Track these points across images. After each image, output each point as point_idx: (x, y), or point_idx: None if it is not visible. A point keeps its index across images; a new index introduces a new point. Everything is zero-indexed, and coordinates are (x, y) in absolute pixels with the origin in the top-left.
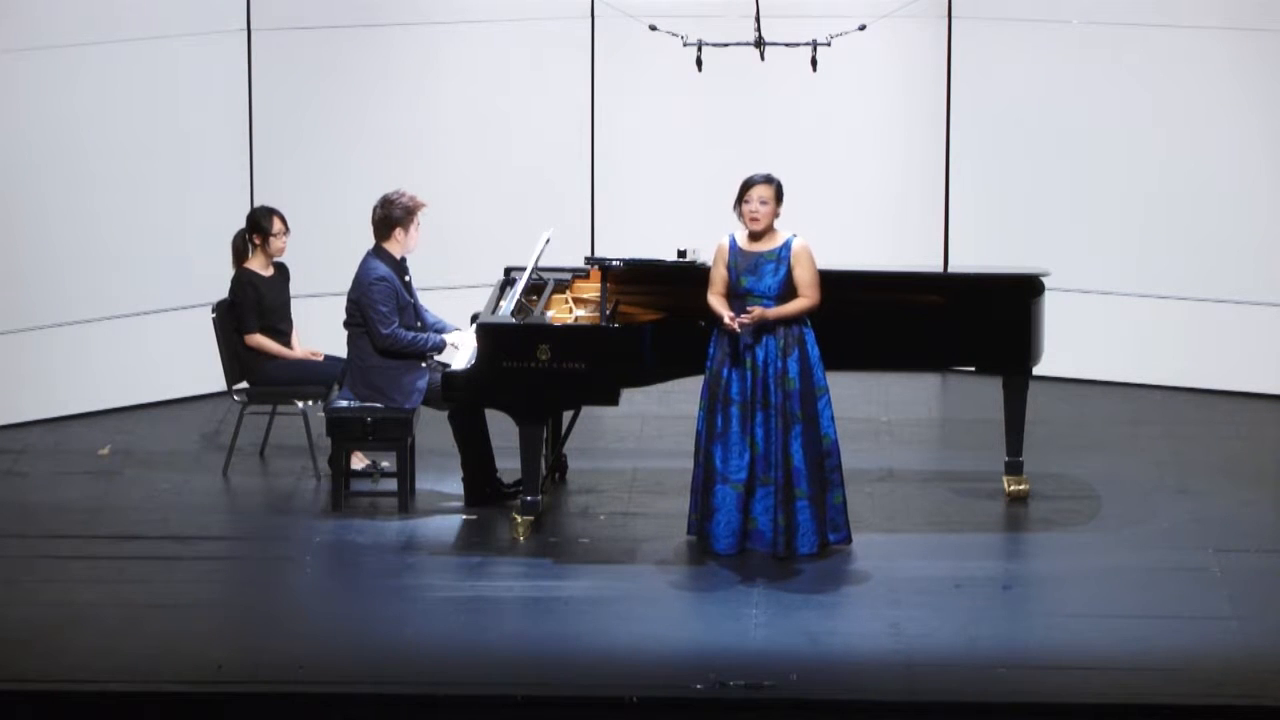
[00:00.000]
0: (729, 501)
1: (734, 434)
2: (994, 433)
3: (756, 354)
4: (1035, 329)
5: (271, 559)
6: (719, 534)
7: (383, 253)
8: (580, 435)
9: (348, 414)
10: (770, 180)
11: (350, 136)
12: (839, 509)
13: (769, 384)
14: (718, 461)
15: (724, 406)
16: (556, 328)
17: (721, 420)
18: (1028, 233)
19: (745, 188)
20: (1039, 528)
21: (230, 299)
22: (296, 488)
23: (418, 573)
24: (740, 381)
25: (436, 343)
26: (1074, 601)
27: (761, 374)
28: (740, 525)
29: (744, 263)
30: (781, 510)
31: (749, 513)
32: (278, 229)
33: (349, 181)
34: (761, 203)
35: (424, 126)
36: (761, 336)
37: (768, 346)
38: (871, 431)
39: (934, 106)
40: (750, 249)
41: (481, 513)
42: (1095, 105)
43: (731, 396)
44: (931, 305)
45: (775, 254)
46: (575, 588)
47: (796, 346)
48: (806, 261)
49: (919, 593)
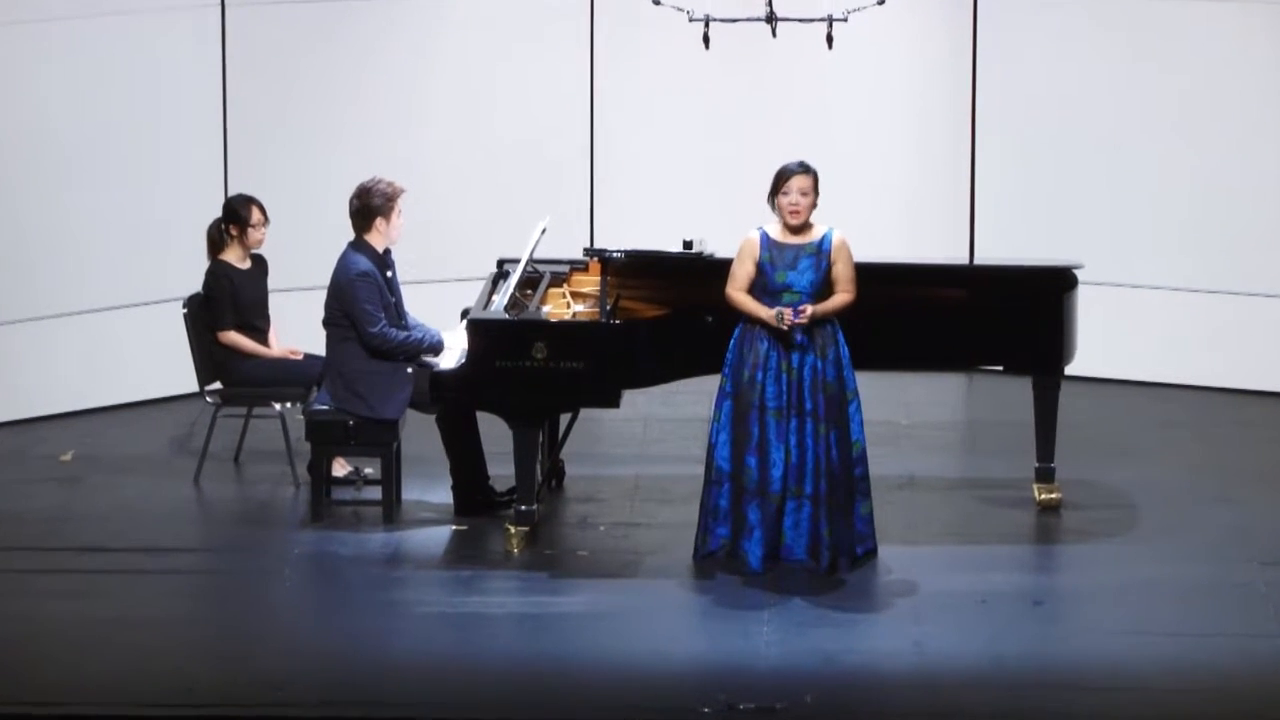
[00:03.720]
0: (767, 515)
1: (770, 443)
2: (1023, 437)
3: (793, 357)
4: (1068, 325)
5: (247, 573)
6: (757, 552)
7: (364, 245)
8: (578, 439)
9: (329, 417)
10: (809, 170)
11: (333, 118)
12: (866, 520)
13: (804, 388)
14: (754, 473)
15: (760, 414)
16: (553, 324)
17: (757, 429)
18: (1057, 223)
19: (783, 178)
20: (1071, 539)
21: (204, 293)
22: (274, 496)
23: (404, 588)
24: (776, 385)
25: (433, 341)
26: (1109, 618)
27: (798, 377)
28: (775, 541)
29: (782, 257)
30: (826, 522)
31: (780, 528)
32: (256, 219)
33: (331, 167)
34: (802, 194)
35: (412, 107)
36: (795, 334)
37: (804, 347)
38: (891, 436)
39: (958, 86)
40: (788, 242)
41: (472, 523)
42: (1130, 89)
43: (767, 403)
44: (956, 300)
45: (815, 247)
46: (573, 604)
47: (833, 347)
48: (847, 256)
49: (942, 608)
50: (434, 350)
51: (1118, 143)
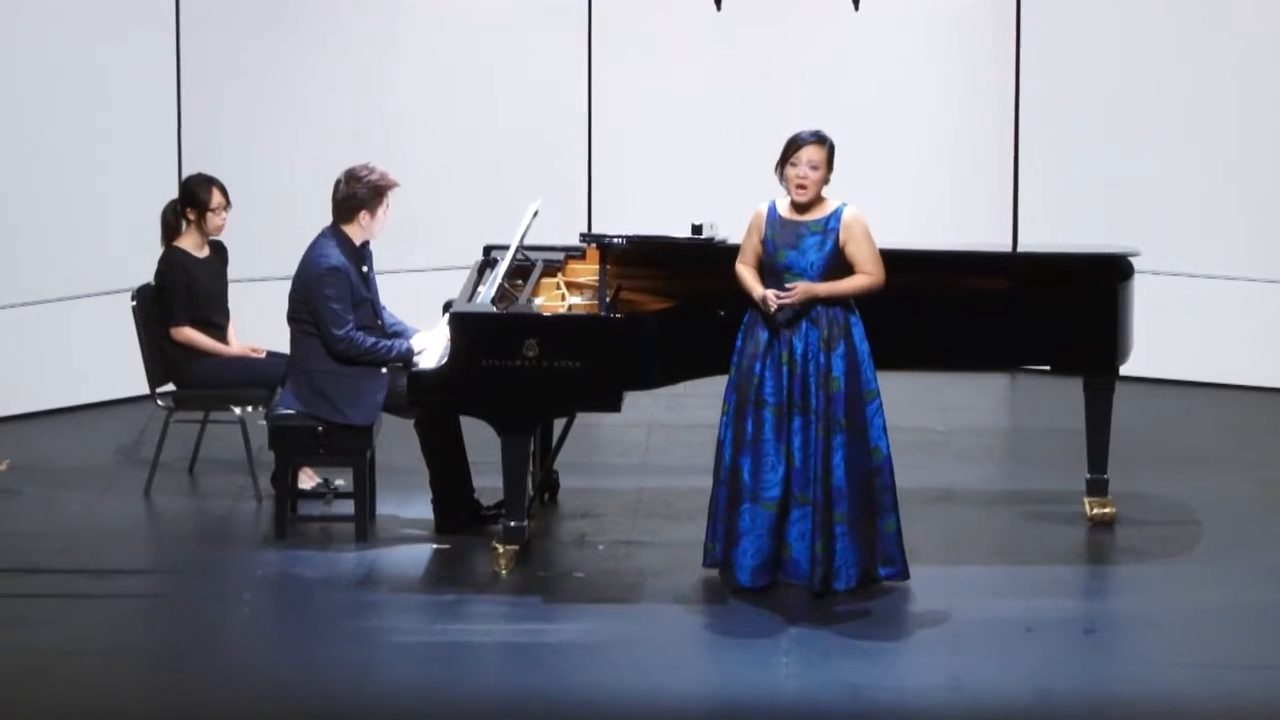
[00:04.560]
0: (760, 524)
1: (767, 442)
2: (1073, 445)
3: (794, 346)
4: (1123, 320)
5: (203, 598)
6: (746, 563)
7: (340, 236)
8: (575, 447)
9: (294, 422)
10: (823, 141)
11: (300, 90)
12: (892, 539)
13: (809, 383)
14: (746, 476)
15: (756, 409)
16: (546, 318)
17: (752, 426)
18: (1111, 205)
19: (793, 147)
20: (1127, 559)
21: (156, 284)
22: (233, 511)
23: (379, 614)
24: (775, 379)
25: (402, 351)
26: (1169, 649)
27: (800, 370)
28: (771, 553)
29: (783, 234)
30: (819, 536)
31: (782, 537)
32: (216, 202)
33: (299, 144)
34: (812, 167)
35: (390, 78)
36: (800, 324)
37: (808, 338)
38: (926, 444)
39: (1000, 51)
40: (792, 218)
41: (455, 541)
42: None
43: (765, 398)
44: (998, 291)
45: (821, 225)
46: (569, 632)
47: (843, 339)
48: (861, 234)
49: (983, 637)
50: (401, 361)
51: (1176, 114)
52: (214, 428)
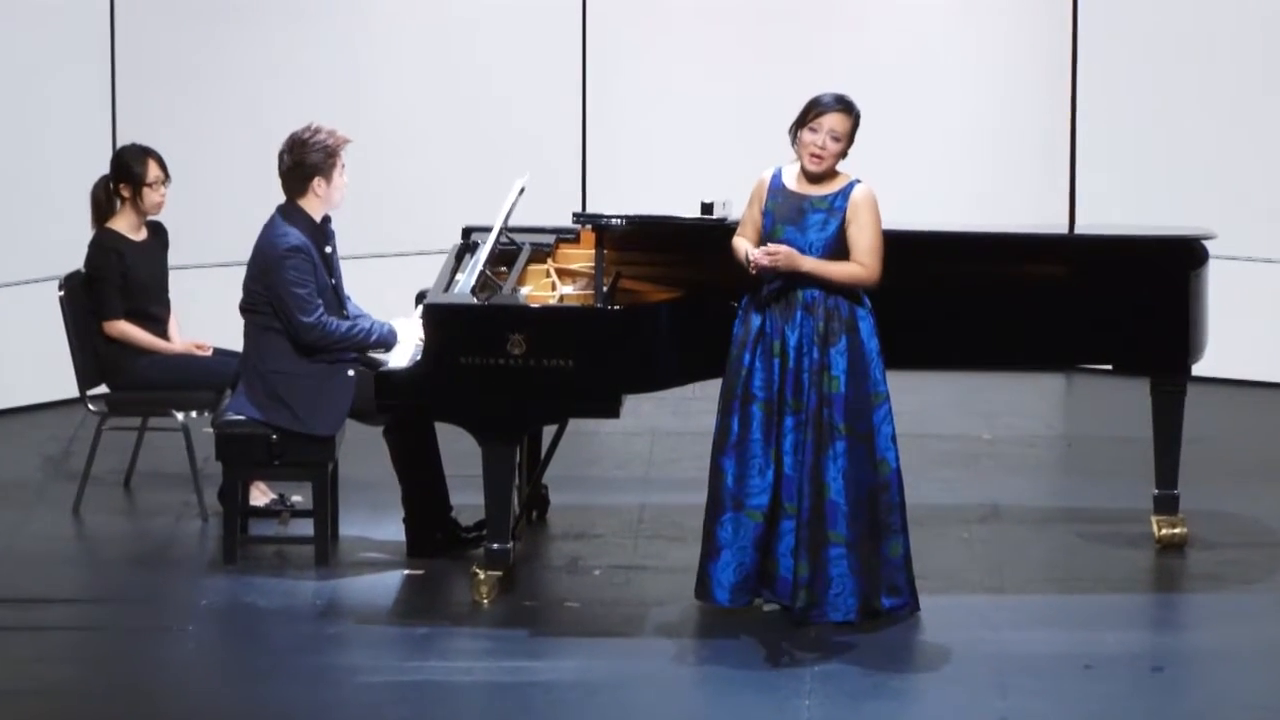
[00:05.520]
0: (743, 535)
1: (754, 443)
2: (1138, 456)
3: (787, 337)
4: (1196, 312)
5: (142, 630)
6: (725, 580)
7: (296, 213)
8: (567, 459)
9: (245, 430)
10: (850, 110)
11: (249, 53)
12: (898, 565)
13: (802, 380)
14: (729, 480)
15: (743, 405)
16: (534, 310)
17: (738, 423)
18: (1180, 181)
19: (815, 111)
20: (1199, 586)
21: (86, 271)
22: (175, 532)
23: (343, 649)
24: (765, 372)
25: (384, 334)
26: (1247, 688)
27: (793, 365)
28: (754, 567)
29: (785, 207)
30: (806, 556)
31: (770, 552)
32: (154, 176)
33: (247, 112)
34: (833, 138)
35: (353, 36)
36: (795, 311)
37: (803, 328)
38: (969, 454)
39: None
40: (798, 190)
41: (430, 566)
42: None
43: (753, 392)
44: (1052, 279)
45: (828, 202)
46: (560, 671)
47: (844, 333)
48: (868, 217)
49: (1035, 675)
50: (384, 345)
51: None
52: (153, 436)
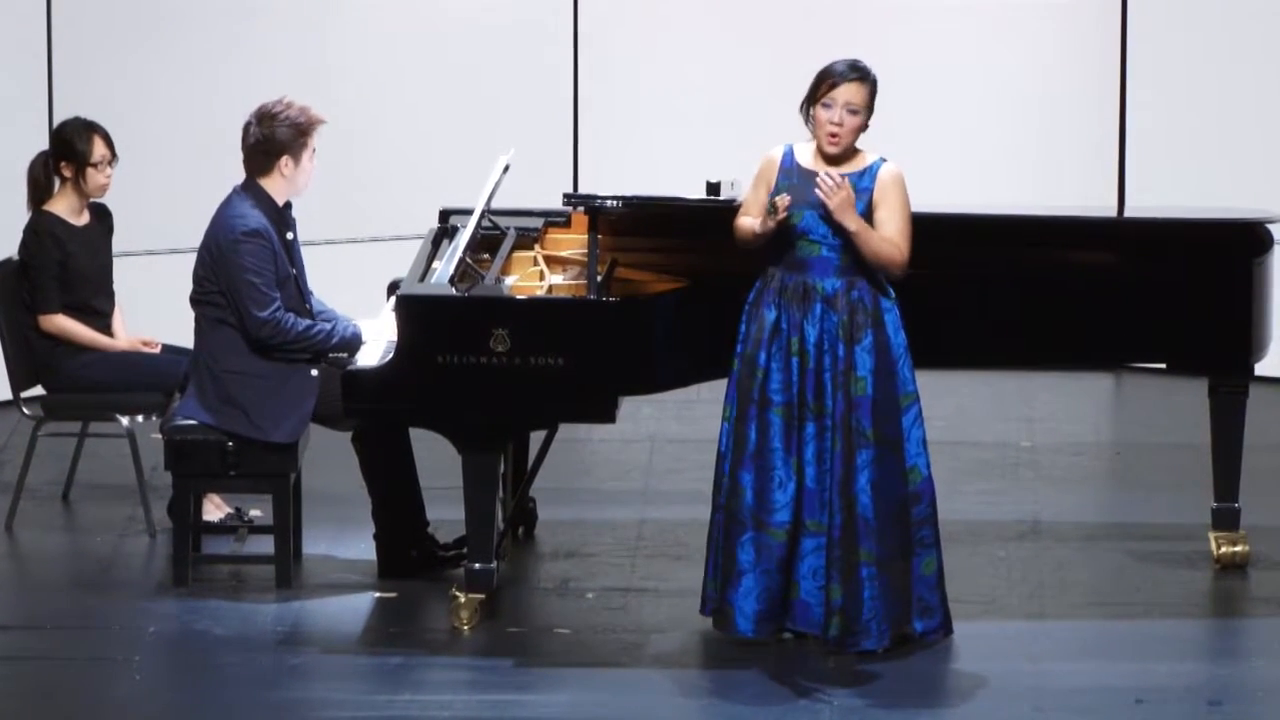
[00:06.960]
0: (766, 557)
1: (774, 453)
2: (1194, 465)
3: (806, 333)
4: (1260, 305)
5: (83, 660)
6: (748, 608)
7: (257, 194)
8: (556, 469)
9: (197, 436)
10: (865, 77)
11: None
12: (930, 583)
13: (824, 381)
14: (748, 495)
15: (760, 411)
16: (520, 302)
17: (756, 432)
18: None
19: (827, 83)
20: (1263, 610)
21: (21, 259)
22: (119, 550)
23: (307, 681)
24: (784, 373)
25: (347, 336)
26: None
27: (814, 364)
28: (779, 593)
29: (804, 189)
30: (838, 578)
31: (790, 574)
32: (100, 155)
33: (198, 83)
34: (850, 111)
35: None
36: (814, 305)
37: (823, 323)
38: (1007, 463)
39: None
40: (815, 169)
41: (404, 588)
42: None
43: (770, 396)
44: (1099, 268)
45: (852, 183)
46: (549, 704)
47: (870, 328)
48: (897, 198)
49: (1080, 710)
50: (347, 349)
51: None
52: (94, 443)
